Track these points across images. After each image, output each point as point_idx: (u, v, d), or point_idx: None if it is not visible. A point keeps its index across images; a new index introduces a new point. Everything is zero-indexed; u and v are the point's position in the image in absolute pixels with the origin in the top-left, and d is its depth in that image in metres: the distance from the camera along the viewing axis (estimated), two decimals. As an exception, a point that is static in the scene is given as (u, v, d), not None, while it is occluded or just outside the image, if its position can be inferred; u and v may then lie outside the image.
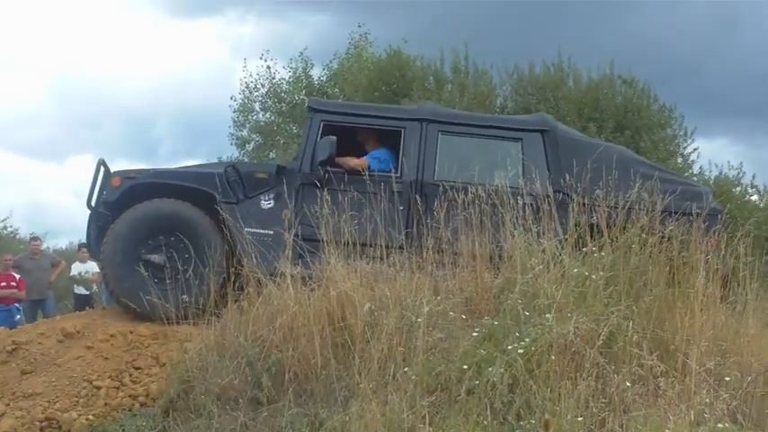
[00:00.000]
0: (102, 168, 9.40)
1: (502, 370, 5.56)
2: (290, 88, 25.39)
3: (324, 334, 6.38)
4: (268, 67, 25.32)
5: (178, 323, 7.75)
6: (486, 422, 5.41)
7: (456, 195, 7.66)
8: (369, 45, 24.03)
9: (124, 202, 8.88)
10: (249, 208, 8.80)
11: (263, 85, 25.90)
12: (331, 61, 25.07)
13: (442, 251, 7.39)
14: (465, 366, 5.73)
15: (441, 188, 8.42)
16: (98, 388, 7.37)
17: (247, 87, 26.06)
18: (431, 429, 5.29)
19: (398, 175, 8.91)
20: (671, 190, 8.59)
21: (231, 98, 26.22)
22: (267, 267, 8.30)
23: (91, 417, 7.04)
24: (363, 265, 6.96)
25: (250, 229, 8.64)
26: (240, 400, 6.32)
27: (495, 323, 6.17)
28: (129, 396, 7.25)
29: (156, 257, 8.65)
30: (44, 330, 8.32)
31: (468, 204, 7.46)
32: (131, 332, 8.04)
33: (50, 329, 8.32)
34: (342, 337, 6.38)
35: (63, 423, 7.00)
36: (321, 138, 8.93)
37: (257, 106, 25.86)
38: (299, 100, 24.36)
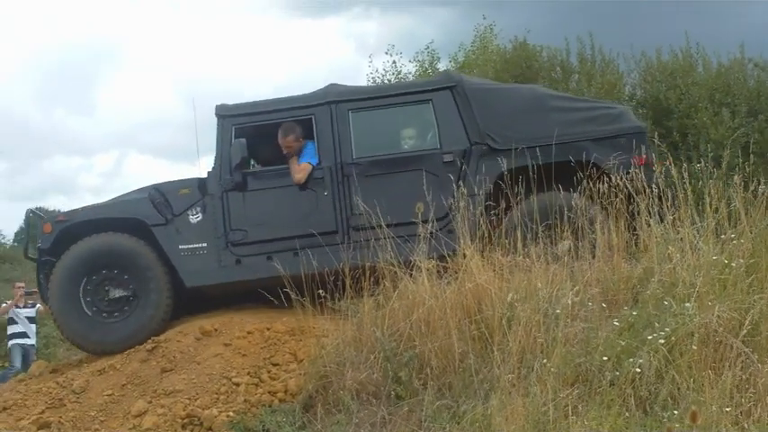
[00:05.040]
0: (32, 217, 9.89)
1: (648, 360, 5.60)
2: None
3: (461, 327, 6.48)
4: (394, 62, 25.49)
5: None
6: (628, 413, 5.46)
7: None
8: (494, 37, 23.97)
9: (60, 246, 9.24)
10: (179, 225, 9.13)
11: (389, 80, 26.10)
12: (457, 54, 25.12)
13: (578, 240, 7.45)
14: (605, 358, 5.78)
15: (361, 166, 8.89)
16: (237, 385, 7.59)
17: (374, 83, 26.29)
18: (573, 420, 5.36)
19: (318, 162, 9.09)
20: (590, 117, 9.01)
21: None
22: (201, 277, 8.99)
23: (231, 413, 7.21)
24: (499, 257, 7.03)
25: (184, 246, 9.06)
26: (379, 395, 6.44)
27: (635, 313, 6.20)
28: (268, 392, 7.43)
29: (111, 291, 9.12)
30: (182, 329, 8.65)
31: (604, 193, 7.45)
32: (268, 329, 8.27)
33: (188, 327, 8.65)
34: (479, 329, 6.48)
35: (204, 420, 7.20)
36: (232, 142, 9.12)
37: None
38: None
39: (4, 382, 11.42)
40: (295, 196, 9.08)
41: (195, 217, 9.13)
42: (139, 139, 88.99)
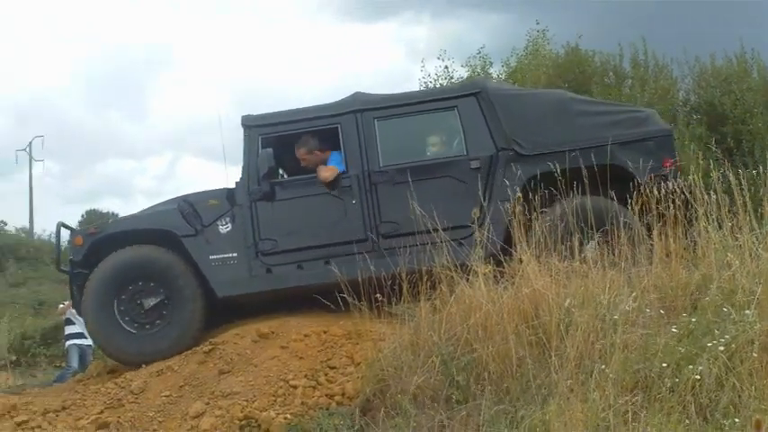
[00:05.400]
0: (63, 230, 9.98)
1: (708, 367, 5.59)
2: (469, 87, 25.46)
3: (518, 331, 6.49)
4: (446, 67, 25.47)
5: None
6: (688, 420, 5.45)
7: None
8: (547, 42, 23.88)
9: (91, 258, 9.38)
10: (209, 236, 9.23)
11: (441, 85, 26.08)
12: (509, 59, 25.05)
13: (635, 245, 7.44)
14: (665, 364, 5.77)
15: (388, 174, 8.94)
16: (294, 387, 7.64)
17: (426, 88, 26.30)
18: (633, 427, 5.36)
19: (344, 170, 9.14)
20: (617, 120, 9.01)
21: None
22: (233, 287, 9.10)
23: (288, 416, 7.26)
24: (555, 263, 7.04)
25: (215, 256, 9.16)
26: (436, 399, 6.44)
27: (694, 320, 6.19)
28: (325, 395, 7.47)
29: (145, 302, 9.25)
30: (239, 331, 8.73)
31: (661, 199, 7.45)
32: (325, 332, 8.33)
33: (245, 330, 8.72)
34: (536, 334, 6.49)
35: (262, 422, 7.25)
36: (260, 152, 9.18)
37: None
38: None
39: (62, 382, 11.62)
40: (323, 205, 9.20)
41: (225, 227, 9.25)
42: (192, 142, 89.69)
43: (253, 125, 9.49)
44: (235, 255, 9.19)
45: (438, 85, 25.58)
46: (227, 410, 7.50)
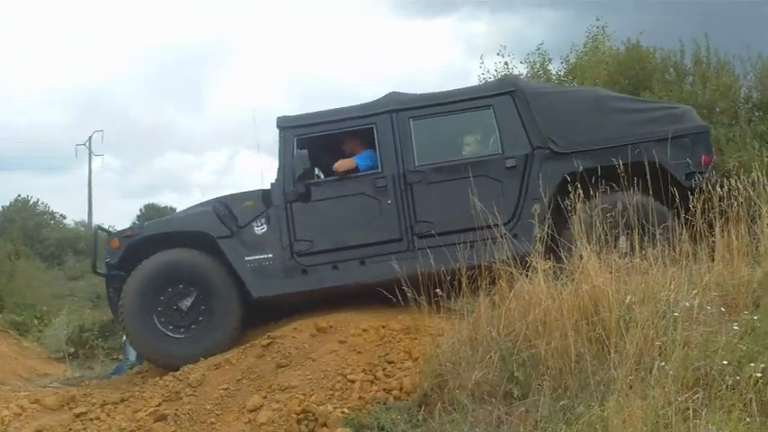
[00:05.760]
0: (100, 233, 10.15)
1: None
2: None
3: (578, 328, 6.48)
4: (506, 63, 25.44)
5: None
6: (750, 419, 5.42)
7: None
8: (607, 38, 23.73)
9: (128, 261, 9.49)
10: (245, 237, 9.31)
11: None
12: (568, 55, 24.95)
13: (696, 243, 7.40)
14: (725, 362, 5.74)
15: (424, 174, 9.00)
16: (352, 381, 7.66)
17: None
18: (693, 424, 5.33)
19: (379, 169, 9.19)
20: (653, 117, 8.98)
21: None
22: (268, 287, 9.18)
23: (346, 410, 7.25)
24: (615, 259, 7.01)
25: (250, 257, 9.25)
26: (495, 394, 6.44)
27: (756, 318, 6.15)
28: (383, 390, 7.47)
29: (182, 305, 9.37)
30: (297, 325, 8.77)
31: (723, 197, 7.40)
32: (383, 327, 8.37)
33: (303, 324, 8.77)
34: (595, 330, 6.47)
35: (319, 416, 7.25)
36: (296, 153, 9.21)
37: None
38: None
39: (118, 375, 11.76)
40: (359, 205, 9.27)
41: (260, 228, 9.34)
42: (251, 136, 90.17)
43: (288, 126, 9.58)
44: (270, 255, 9.30)
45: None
46: (285, 404, 7.54)
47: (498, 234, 7.90)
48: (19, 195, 52.07)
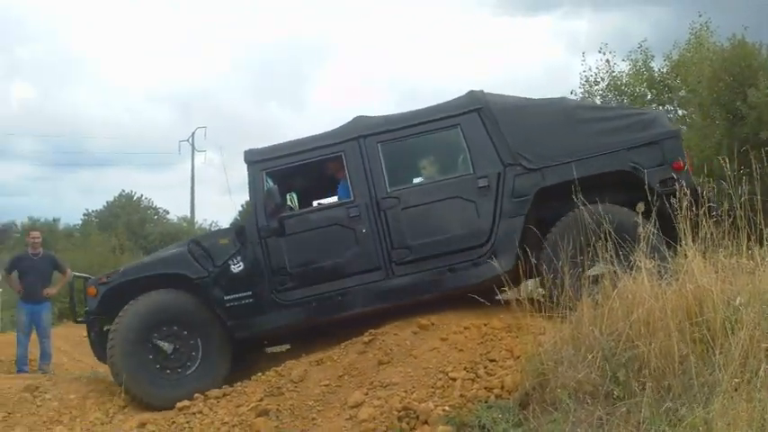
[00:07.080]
0: (77, 279, 10.60)
1: None
2: (631, 81, 25.36)
3: (681, 328, 6.41)
4: (607, 61, 25.29)
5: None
6: None
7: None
8: (710, 35, 23.42)
9: (106, 307, 9.51)
10: (222, 276, 9.24)
11: (602, 79, 25.94)
12: (671, 52, 24.68)
13: None
14: (834, 365, 5.66)
15: (396, 199, 8.94)
16: (453, 379, 7.71)
17: (587, 81, 26.20)
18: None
19: (351, 198, 9.10)
20: (622, 125, 8.93)
21: (571, 93, 26.55)
22: (249, 327, 9.25)
23: (447, 408, 7.30)
24: (722, 258, 6.93)
25: (229, 296, 9.20)
26: (596, 395, 6.41)
27: None
28: (485, 388, 7.48)
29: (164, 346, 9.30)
30: (399, 323, 8.84)
31: None
32: (485, 324, 8.41)
33: (405, 322, 8.84)
34: (700, 331, 6.40)
35: (420, 413, 7.32)
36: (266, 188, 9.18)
37: (598, 100, 25.92)
38: (641, 92, 24.27)
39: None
40: (334, 236, 9.22)
41: (237, 266, 9.33)
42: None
43: (255, 161, 9.56)
44: (249, 293, 9.31)
45: (599, 80, 25.39)
46: (386, 401, 7.64)
47: (478, 255, 8.02)
48: (123, 191, 53.51)
